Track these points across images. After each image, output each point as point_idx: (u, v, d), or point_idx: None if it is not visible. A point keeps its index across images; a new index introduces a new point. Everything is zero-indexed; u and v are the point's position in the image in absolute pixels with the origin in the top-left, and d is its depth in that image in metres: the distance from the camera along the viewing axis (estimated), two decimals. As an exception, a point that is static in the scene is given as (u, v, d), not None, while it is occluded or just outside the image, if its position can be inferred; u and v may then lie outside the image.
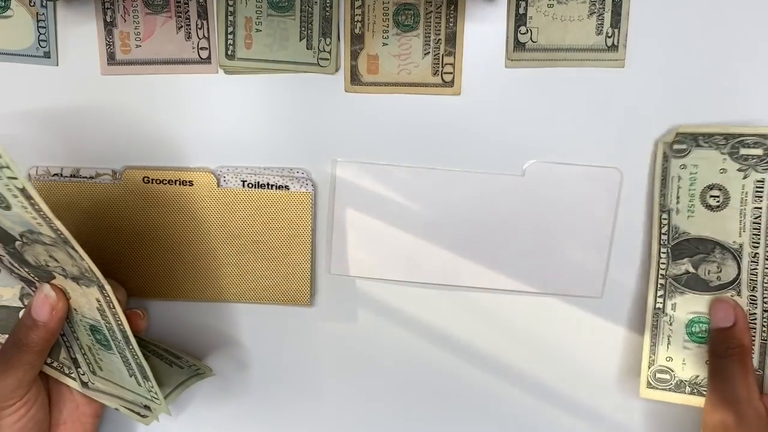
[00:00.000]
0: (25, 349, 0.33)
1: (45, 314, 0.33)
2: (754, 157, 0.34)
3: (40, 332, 0.33)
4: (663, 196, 0.35)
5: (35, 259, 0.32)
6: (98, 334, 0.34)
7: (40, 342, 0.33)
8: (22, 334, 0.33)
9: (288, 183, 0.38)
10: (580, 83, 0.36)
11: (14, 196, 0.27)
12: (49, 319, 0.33)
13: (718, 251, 0.35)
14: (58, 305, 0.33)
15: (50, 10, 0.37)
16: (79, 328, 0.35)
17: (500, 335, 0.39)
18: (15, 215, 0.29)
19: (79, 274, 0.31)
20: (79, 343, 0.36)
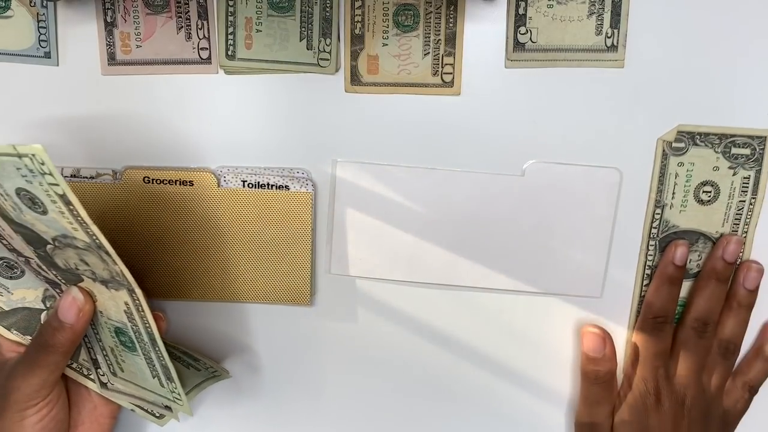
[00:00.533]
0: (50, 350, 0.33)
1: (72, 316, 0.33)
2: (743, 156, 0.36)
3: (66, 334, 0.33)
4: (659, 192, 0.36)
5: (65, 263, 0.32)
6: (123, 336, 0.34)
7: (66, 343, 0.33)
8: (48, 335, 0.33)
9: (288, 183, 0.38)
10: (580, 83, 0.36)
11: (53, 201, 0.27)
12: (76, 320, 0.33)
13: (701, 242, 0.37)
14: (86, 307, 0.33)
15: (51, 11, 0.37)
16: (103, 330, 0.35)
17: (500, 335, 0.39)
18: (51, 220, 0.29)
19: (109, 277, 0.31)
20: (102, 345, 0.36)
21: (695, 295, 0.37)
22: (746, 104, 0.36)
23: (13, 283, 0.33)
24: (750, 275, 0.36)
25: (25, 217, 0.29)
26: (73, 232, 0.29)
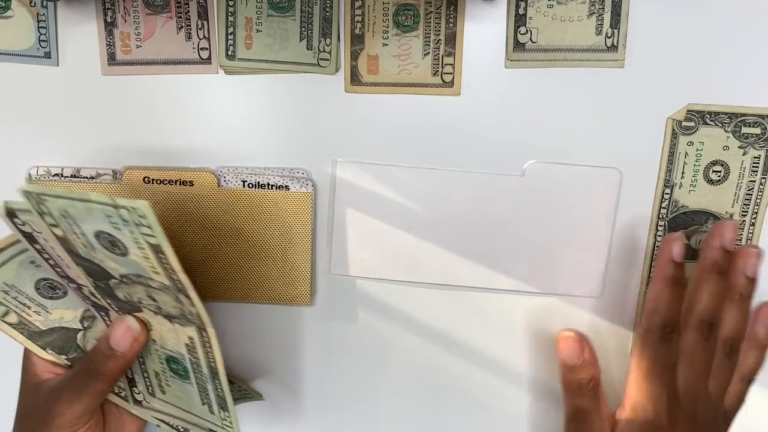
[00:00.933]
0: (99, 378, 0.33)
1: (126, 345, 0.33)
2: (753, 136, 0.36)
3: (118, 362, 0.33)
4: (669, 172, 0.36)
5: (127, 296, 0.32)
6: (176, 364, 0.34)
7: (116, 371, 0.33)
8: (98, 362, 0.33)
9: (288, 183, 0.38)
10: (580, 83, 0.36)
11: (140, 248, 0.28)
12: (129, 349, 0.33)
13: (711, 222, 0.37)
14: (141, 337, 0.33)
15: (51, 11, 0.37)
16: (151, 356, 0.35)
17: (500, 335, 0.39)
18: (128, 261, 0.29)
19: (178, 314, 0.31)
20: (144, 368, 0.36)
21: (697, 293, 0.34)
22: (755, 87, 0.36)
23: (53, 303, 0.33)
24: (750, 262, 0.33)
25: (95, 254, 0.30)
26: (153, 275, 0.29)
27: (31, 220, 0.29)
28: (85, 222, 0.27)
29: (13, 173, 0.38)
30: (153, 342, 0.34)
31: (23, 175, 0.38)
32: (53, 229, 0.29)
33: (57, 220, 0.28)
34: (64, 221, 0.28)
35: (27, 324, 0.33)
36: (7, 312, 0.32)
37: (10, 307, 0.31)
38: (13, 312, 0.32)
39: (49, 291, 0.32)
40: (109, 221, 0.27)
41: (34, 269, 0.30)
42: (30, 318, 0.32)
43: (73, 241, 0.29)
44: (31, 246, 0.30)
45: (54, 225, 0.29)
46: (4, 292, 0.31)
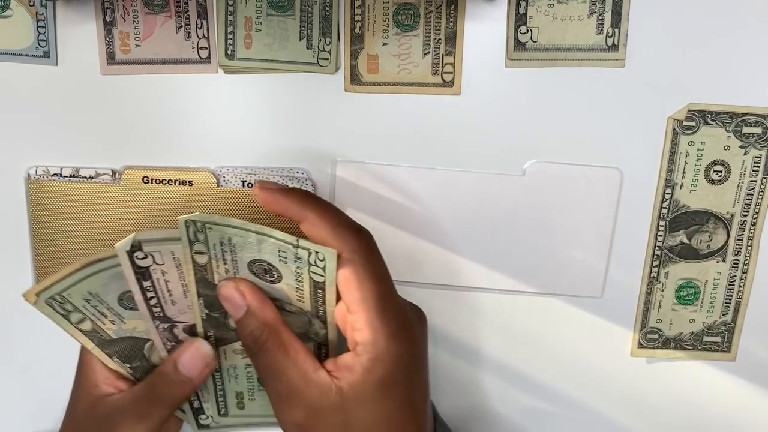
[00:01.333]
0: (164, 405, 0.32)
1: (196, 371, 0.32)
2: (754, 135, 0.36)
3: (186, 389, 0.32)
4: (670, 171, 0.36)
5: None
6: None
7: (181, 398, 0.32)
8: (165, 388, 0.32)
9: (288, 183, 0.38)
10: (581, 83, 0.36)
11: (298, 281, 0.28)
12: (198, 375, 0.32)
13: (711, 222, 0.37)
14: (212, 363, 0.32)
15: (50, 10, 0.37)
16: (238, 378, 0.35)
17: (500, 335, 0.39)
18: (274, 288, 0.30)
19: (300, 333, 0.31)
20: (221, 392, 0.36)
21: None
22: (756, 88, 0.35)
23: (130, 313, 0.32)
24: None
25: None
26: (296, 302, 0.30)
27: (158, 251, 0.29)
28: (246, 251, 0.28)
29: (12, 173, 0.38)
30: (248, 365, 0.34)
31: (22, 175, 0.38)
32: (197, 257, 0.29)
33: (210, 247, 0.29)
34: (219, 248, 0.29)
35: (99, 332, 0.32)
36: (83, 319, 0.31)
37: (87, 315, 0.31)
38: (89, 320, 0.31)
39: (131, 302, 0.31)
40: (279, 255, 0.28)
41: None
42: (104, 327, 0.32)
43: (214, 268, 0.30)
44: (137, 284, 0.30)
45: (201, 253, 0.29)
46: (86, 300, 0.30)
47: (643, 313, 0.39)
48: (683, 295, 0.38)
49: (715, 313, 0.39)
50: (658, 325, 0.39)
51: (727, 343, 0.39)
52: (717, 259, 0.38)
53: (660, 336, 0.39)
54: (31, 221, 0.38)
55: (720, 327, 0.39)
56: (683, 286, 0.38)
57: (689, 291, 0.38)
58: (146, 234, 0.28)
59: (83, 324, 0.31)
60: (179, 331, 0.33)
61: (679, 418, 0.40)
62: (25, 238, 0.39)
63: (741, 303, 0.38)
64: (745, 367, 0.39)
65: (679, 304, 0.39)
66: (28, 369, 0.41)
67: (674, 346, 0.39)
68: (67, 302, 0.30)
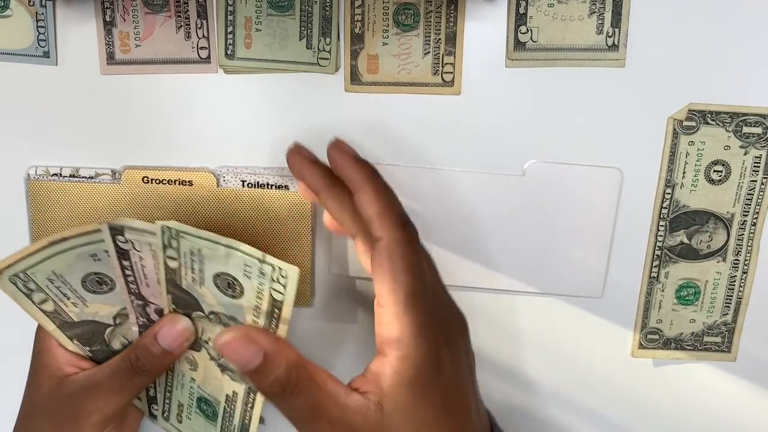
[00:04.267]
0: (144, 376, 0.33)
1: (175, 343, 0.32)
2: (754, 135, 0.36)
3: (165, 360, 0.33)
4: (670, 171, 0.36)
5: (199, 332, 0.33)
6: (207, 406, 0.35)
7: (161, 369, 0.33)
8: (146, 359, 0.32)
9: (288, 183, 0.38)
10: (581, 83, 0.36)
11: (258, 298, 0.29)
12: (177, 347, 0.32)
13: (711, 222, 0.37)
14: (191, 337, 0.33)
15: (50, 10, 0.37)
16: (183, 389, 0.35)
17: (500, 335, 0.39)
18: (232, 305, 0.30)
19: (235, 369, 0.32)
20: (169, 395, 0.36)
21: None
22: (756, 87, 0.35)
23: (93, 297, 0.33)
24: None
25: (199, 289, 0.30)
26: (249, 320, 0.30)
27: (138, 240, 0.30)
28: (214, 263, 0.29)
29: (12, 173, 0.38)
30: (192, 381, 0.35)
31: (22, 175, 0.38)
32: (169, 261, 0.30)
33: (181, 255, 0.29)
34: (189, 257, 0.29)
35: (61, 314, 0.33)
36: (46, 300, 0.32)
37: (50, 295, 0.32)
38: (51, 301, 0.32)
39: (95, 285, 0.32)
40: (244, 270, 0.28)
41: (90, 263, 0.31)
42: (66, 309, 0.32)
43: (182, 274, 0.30)
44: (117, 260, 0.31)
45: (172, 258, 0.30)
46: (50, 280, 0.31)
47: (644, 314, 0.39)
48: (683, 295, 0.38)
49: (716, 314, 0.39)
50: (659, 326, 0.39)
51: (728, 344, 0.39)
52: (717, 259, 0.38)
53: (660, 336, 0.39)
54: (31, 221, 0.38)
55: (720, 327, 0.39)
56: (683, 287, 0.38)
57: (689, 291, 0.38)
58: (128, 222, 0.29)
59: (45, 304, 0.32)
60: (151, 311, 0.33)
61: (680, 419, 0.40)
62: (25, 238, 0.39)
63: (741, 303, 0.38)
64: (745, 367, 0.39)
65: (679, 304, 0.39)
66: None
67: (675, 346, 0.39)
68: (30, 281, 0.30)
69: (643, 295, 0.38)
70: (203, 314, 0.32)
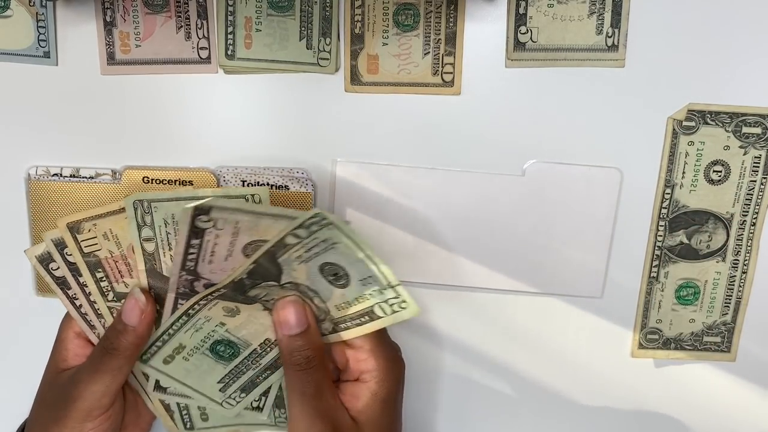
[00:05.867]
0: (114, 354, 0.33)
1: (135, 318, 0.33)
2: (754, 135, 0.36)
3: (130, 337, 0.33)
4: (669, 171, 0.36)
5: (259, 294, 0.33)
6: (226, 348, 0.35)
7: (131, 347, 0.33)
8: (112, 338, 0.33)
9: (288, 183, 0.38)
10: (581, 83, 0.36)
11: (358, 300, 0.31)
12: (138, 323, 0.33)
13: (711, 222, 0.37)
14: (147, 309, 0.33)
15: (50, 10, 0.37)
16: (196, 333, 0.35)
17: (500, 335, 0.39)
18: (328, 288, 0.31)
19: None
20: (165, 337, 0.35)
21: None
22: (755, 87, 0.36)
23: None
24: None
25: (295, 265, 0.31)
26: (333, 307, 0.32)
27: (224, 218, 0.29)
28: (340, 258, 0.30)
29: (13, 173, 0.38)
30: (221, 325, 0.34)
31: (22, 175, 0.38)
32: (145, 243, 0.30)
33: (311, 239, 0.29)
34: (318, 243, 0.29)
35: (156, 260, 0.32)
36: (151, 239, 0.31)
37: (156, 237, 0.31)
38: (155, 242, 0.31)
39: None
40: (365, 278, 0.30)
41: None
42: (163, 258, 0.32)
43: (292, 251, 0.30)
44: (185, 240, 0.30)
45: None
46: (165, 222, 0.30)
47: (643, 313, 0.39)
48: (683, 295, 0.38)
49: (715, 313, 0.39)
50: (658, 326, 0.39)
51: (727, 343, 0.39)
52: (717, 259, 0.38)
53: (660, 336, 0.39)
54: (31, 221, 0.38)
55: (720, 327, 0.39)
56: (683, 286, 0.38)
57: (689, 291, 0.38)
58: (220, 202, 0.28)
59: (148, 244, 0.31)
60: (200, 285, 0.33)
61: (680, 419, 0.40)
62: (25, 238, 0.39)
63: (741, 303, 0.38)
64: (745, 367, 0.39)
65: (679, 304, 0.39)
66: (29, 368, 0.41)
67: (674, 346, 0.39)
68: (149, 214, 0.30)
69: (643, 295, 0.39)
70: (276, 284, 0.32)
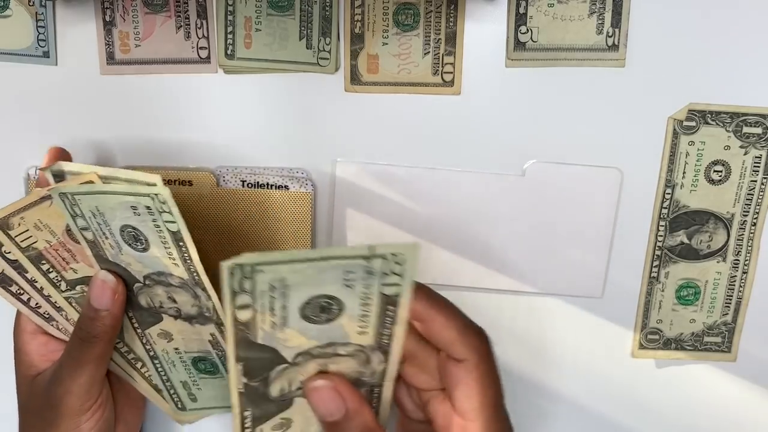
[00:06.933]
0: (94, 342, 0.32)
1: (107, 300, 0.31)
2: (754, 135, 0.36)
3: (106, 320, 0.31)
4: (670, 171, 0.36)
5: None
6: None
7: (108, 330, 0.32)
8: (87, 326, 0.32)
9: (288, 183, 0.38)
10: (581, 83, 0.36)
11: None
12: (112, 304, 0.31)
13: (711, 222, 0.37)
14: (119, 288, 0.32)
15: (49, 10, 0.37)
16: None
17: (500, 335, 0.39)
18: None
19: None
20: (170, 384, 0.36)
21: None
22: (756, 87, 0.35)
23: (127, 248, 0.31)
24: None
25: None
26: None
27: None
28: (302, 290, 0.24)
29: (12, 173, 0.38)
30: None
31: (22, 175, 0.38)
32: (84, 232, 0.30)
33: (88, 221, 0.29)
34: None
35: (99, 247, 0.31)
36: (87, 228, 0.30)
37: (91, 227, 0.30)
38: (92, 231, 0.31)
39: (130, 239, 0.30)
40: (344, 281, 0.24)
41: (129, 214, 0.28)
42: (103, 246, 0.31)
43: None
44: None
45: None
46: (93, 214, 0.29)
47: (644, 314, 0.39)
48: (683, 295, 0.38)
49: (716, 314, 0.39)
50: (659, 326, 0.39)
51: (728, 344, 0.39)
52: (717, 259, 0.38)
53: (661, 336, 0.39)
54: (30, 221, 0.38)
55: (720, 327, 0.39)
56: (683, 287, 0.38)
57: (689, 291, 0.38)
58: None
59: (86, 232, 0.31)
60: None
61: (680, 419, 0.40)
62: (24, 238, 0.39)
63: (741, 303, 0.38)
64: (745, 367, 0.39)
65: (679, 304, 0.39)
66: None
67: (675, 346, 0.39)
68: (76, 205, 0.29)
69: (643, 295, 0.38)
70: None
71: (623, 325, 0.39)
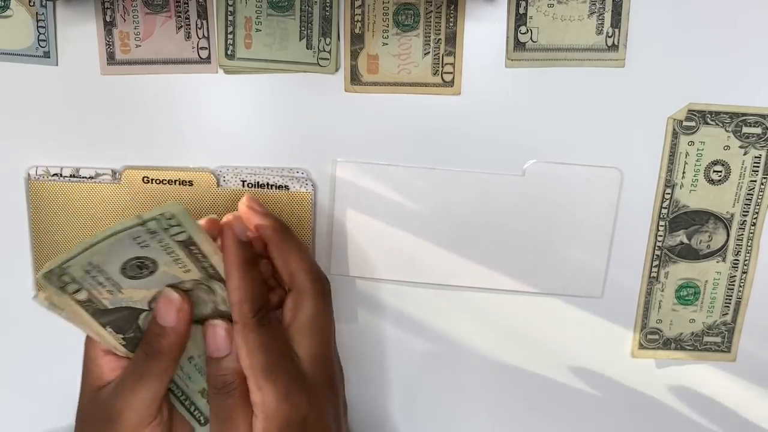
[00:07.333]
0: (157, 357, 0.32)
1: (172, 318, 0.32)
2: (754, 135, 0.36)
3: (171, 337, 0.32)
4: (669, 171, 0.36)
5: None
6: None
7: (173, 347, 0.32)
8: (153, 342, 0.32)
9: (288, 183, 0.38)
10: (581, 83, 0.36)
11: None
12: (177, 322, 0.32)
13: (711, 222, 0.37)
14: (184, 306, 0.32)
15: (50, 10, 0.37)
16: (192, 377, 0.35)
17: (500, 335, 0.39)
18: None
19: (211, 311, 0.32)
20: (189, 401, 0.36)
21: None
22: (756, 87, 0.36)
23: (129, 282, 0.31)
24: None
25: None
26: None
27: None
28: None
29: (12, 173, 0.38)
30: (190, 360, 0.34)
31: (22, 175, 0.38)
32: (76, 295, 0.29)
33: (80, 281, 0.29)
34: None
35: (95, 302, 0.31)
36: (79, 290, 0.30)
37: (84, 286, 0.30)
38: (85, 290, 0.30)
39: (134, 270, 0.30)
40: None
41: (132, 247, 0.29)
42: (100, 297, 0.31)
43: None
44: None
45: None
46: (86, 271, 0.29)
47: (644, 313, 0.39)
48: (683, 295, 0.39)
49: (715, 314, 0.39)
50: (659, 326, 0.39)
51: (728, 344, 0.39)
52: (717, 259, 0.38)
53: (660, 336, 0.39)
54: (31, 221, 0.38)
55: (720, 327, 0.39)
56: (683, 286, 0.38)
57: (689, 291, 0.38)
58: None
59: (79, 294, 0.30)
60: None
61: (680, 419, 0.40)
62: (25, 238, 0.39)
63: (741, 303, 0.38)
64: (745, 367, 0.39)
65: (679, 304, 0.39)
66: (29, 368, 0.41)
67: (675, 346, 0.39)
68: (65, 274, 0.29)
69: (643, 295, 0.39)
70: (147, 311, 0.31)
71: (623, 325, 0.39)
